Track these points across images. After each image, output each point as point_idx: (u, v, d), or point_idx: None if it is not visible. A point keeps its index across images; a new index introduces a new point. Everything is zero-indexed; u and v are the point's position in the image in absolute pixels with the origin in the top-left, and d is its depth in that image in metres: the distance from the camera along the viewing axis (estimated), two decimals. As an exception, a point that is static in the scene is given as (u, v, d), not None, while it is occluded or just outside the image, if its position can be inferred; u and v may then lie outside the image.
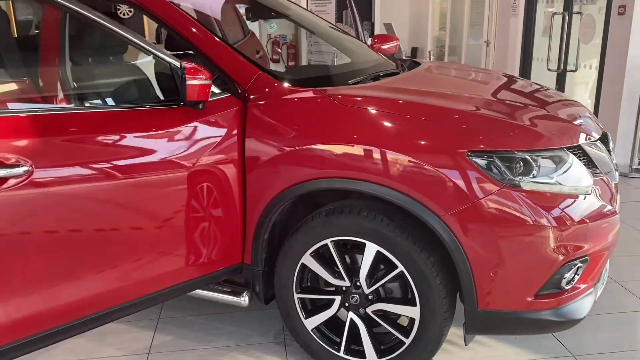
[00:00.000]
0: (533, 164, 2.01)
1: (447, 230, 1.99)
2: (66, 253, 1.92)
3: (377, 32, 11.49)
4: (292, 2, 3.62)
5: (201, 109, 2.05)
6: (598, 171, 2.27)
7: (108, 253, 2.01)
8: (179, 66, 1.96)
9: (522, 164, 2.00)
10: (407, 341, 2.19)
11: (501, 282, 2.01)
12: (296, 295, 2.33)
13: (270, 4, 3.47)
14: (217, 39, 2.38)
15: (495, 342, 2.56)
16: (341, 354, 2.31)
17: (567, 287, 2.09)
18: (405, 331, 2.20)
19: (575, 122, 2.35)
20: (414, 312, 2.14)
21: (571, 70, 6.27)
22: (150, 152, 2.02)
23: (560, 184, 2.04)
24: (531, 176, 2.00)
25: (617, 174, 2.45)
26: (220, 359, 2.49)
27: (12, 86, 2.24)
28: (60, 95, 2.22)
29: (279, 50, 11.96)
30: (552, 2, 6.71)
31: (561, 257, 2.00)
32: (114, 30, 1.97)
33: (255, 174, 2.23)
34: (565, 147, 2.12)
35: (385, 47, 3.63)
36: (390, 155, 2.01)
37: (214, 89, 2.21)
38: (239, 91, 2.27)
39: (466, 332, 2.16)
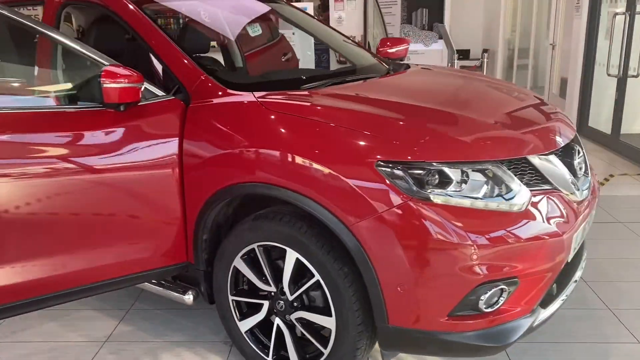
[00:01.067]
0: (450, 176, 1.90)
1: (354, 240, 1.93)
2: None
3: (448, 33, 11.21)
4: (295, 7, 3.66)
5: (122, 111, 2.12)
6: (547, 187, 2.09)
7: (38, 241, 2.13)
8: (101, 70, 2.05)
9: (436, 176, 1.90)
10: (326, 352, 2.15)
11: (410, 298, 1.92)
12: (231, 297, 2.36)
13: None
14: (170, 42, 2.45)
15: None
16: (269, 358, 2.31)
17: (489, 310, 1.95)
18: (326, 342, 2.16)
19: (524, 133, 2.19)
20: (330, 322, 2.09)
21: (632, 76, 5.76)
22: (79, 150, 2.13)
23: (482, 199, 1.91)
24: (446, 189, 1.89)
25: (584, 189, 2.25)
26: (164, 353, 2.57)
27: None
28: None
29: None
30: (616, 2, 6.20)
31: (475, 278, 1.87)
32: (55, 38, 2.10)
33: (191, 176, 2.28)
34: (498, 160, 1.99)
35: (391, 50, 3.56)
36: (303, 162, 1.99)
37: (157, 91, 2.30)
38: (186, 94, 2.34)
39: (381, 348, 2.08)
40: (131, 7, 2.51)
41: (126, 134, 2.19)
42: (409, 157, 1.91)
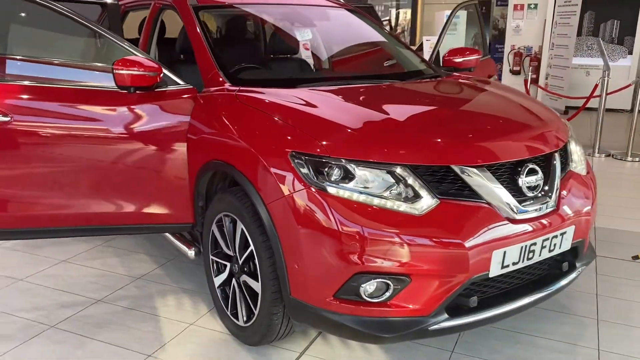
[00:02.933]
0: (352, 172, 2.10)
1: (268, 217, 2.25)
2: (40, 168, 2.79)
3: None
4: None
5: (132, 93, 2.69)
6: (472, 199, 2.15)
7: (94, 185, 2.83)
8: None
9: (337, 170, 2.12)
10: (255, 313, 2.49)
11: (304, 275, 2.18)
12: (210, 256, 2.82)
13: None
14: (202, 41, 2.99)
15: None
16: (228, 312, 2.72)
17: (373, 300, 2.11)
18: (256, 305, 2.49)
19: (457, 144, 2.25)
20: (257, 287, 2.43)
21: None
22: (101, 121, 2.76)
23: (379, 197, 2.08)
24: (347, 184, 2.10)
25: (533, 209, 2.24)
26: (170, 295, 3.13)
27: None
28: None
29: (521, 61, 11.53)
30: None
31: (354, 267, 2.05)
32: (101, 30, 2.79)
33: (190, 149, 2.79)
34: (409, 164, 2.12)
35: (458, 60, 3.67)
36: (245, 147, 2.37)
37: (177, 80, 2.85)
38: (201, 83, 2.86)
39: (291, 317, 2.35)
40: (192, 14, 3.12)
41: (151, 110, 2.77)
42: (318, 151, 2.16)
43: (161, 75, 2.75)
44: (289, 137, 2.26)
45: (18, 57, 2.94)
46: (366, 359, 2.54)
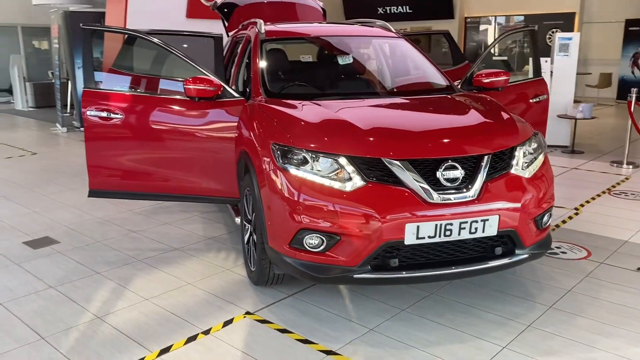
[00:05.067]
0: (307, 158, 2.99)
1: (257, 187, 3.22)
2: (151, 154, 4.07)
3: None
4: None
5: (197, 102, 3.83)
6: (396, 184, 2.89)
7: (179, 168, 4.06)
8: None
9: (297, 156, 3.01)
10: (256, 259, 3.45)
11: (273, 229, 3.10)
12: (243, 221, 3.85)
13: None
14: (257, 65, 4.05)
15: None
16: (251, 266, 3.71)
17: (314, 250, 2.94)
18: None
19: (390, 143, 2.99)
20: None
21: None
22: (192, 121, 3.95)
23: (322, 177, 2.93)
24: (303, 166, 2.99)
25: (450, 196, 2.91)
26: (212, 245, 4.23)
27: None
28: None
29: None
30: None
31: (298, 224, 2.92)
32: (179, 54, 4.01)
33: (235, 142, 3.87)
34: (349, 155, 2.94)
35: (486, 81, 4.30)
36: (252, 139, 3.38)
37: (233, 93, 3.95)
38: (249, 95, 3.94)
39: (271, 261, 3.26)
40: (258, 44, 4.20)
41: (216, 114, 3.91)
42: (286, 143, 3.07)
43: (221, 89, 3.87)
44: (273, 133, 3.21)
45: (135, 74, 4.31)
46: (341, 305, 3.34)
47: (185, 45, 5.11)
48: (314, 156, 2.99)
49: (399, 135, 3.12)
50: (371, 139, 3.06)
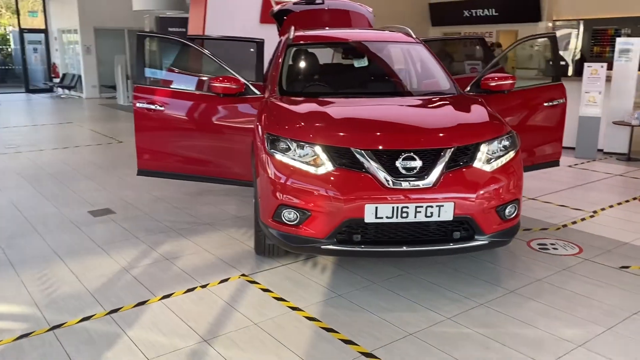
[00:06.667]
0: (289, 146, 3.54)
1: (254, 167, 3.83)
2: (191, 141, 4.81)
3: None
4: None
5: (222, 97, 4.50)
6: (360, 170, 3.38)
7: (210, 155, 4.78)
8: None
9: (282, 144, 3.58)
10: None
11: (262, 203, 3.69)
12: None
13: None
14: (279, 65, 4.66)
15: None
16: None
17: (290, 223, 3.49)
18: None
19: (358, 135, 3.48)
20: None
21: None
22: (220, 115, 4.64)
23: (300, 162, 3.47)
24: (286, 152, 3.55)
25: (405, 183, 3.33)
26: (234, 225, 4.88)
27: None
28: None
29: None
30: None
31: (278, 201, 3.48)
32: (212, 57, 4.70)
33: (252, 133, 4.50)
34: (323, 144, 3.46)
35: (492, 84, 4.67)
36: (256, 129, 3.98)
37: (255, 90, 4.59)
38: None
39: (264, 233, 3.85)
40: (284, 49, 4.82)
41: (240, 107, 4.59)
42: (274, 133, 3.65)
43: (244, 87, 4.52)
44: (269, 124, 3.79)
45: (176, 71, 5.09)
46: (323, 276, 3.87)
47: (236, 49, 5.85)
48: (295, 144, 3.54)
49: (366, 128, 3.60)
50: (342, 131, 3.56)
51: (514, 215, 3.64)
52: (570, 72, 15.60)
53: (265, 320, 3.25)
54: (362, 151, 3.39)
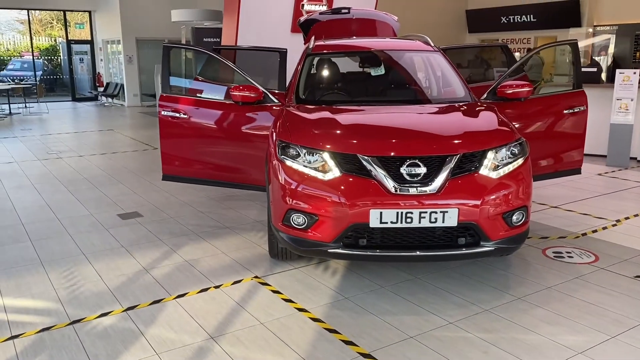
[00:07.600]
0: (298, 152, 3.67)
1: (266, 173, 3.97)
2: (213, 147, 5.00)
3: None
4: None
5: (241, 105, 4.66)
6: (366, 176, 3.47)
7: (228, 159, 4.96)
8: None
9: (292, 150, 3.70)
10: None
11: (273, 209, 3.82)
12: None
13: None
14: (298, 74, 4.80)
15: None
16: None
17: (298, 227, 3.60)
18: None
19: (365, 142, 3.56)
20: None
21: None
22: (233, 120, 4.82)
23: (308, 167, 3.59)
24: (296, 159, 3.67)
25: (410, 189, 3.40)
26: (252, 228, 5.02)
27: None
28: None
29: None
30: None
31: (287, 205, 3.61)
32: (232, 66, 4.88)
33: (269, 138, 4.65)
34: (331, 151, 3.57)
35: (508, 92, 4.71)
36: (270, 136, 4.12)
37: (274, 98, 4.74)
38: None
39: (276, 237, 3.97)
40: (303, 58, 4.96)
41: (259, 115, 4.74)
42: (285, 139, 3.78)
43: (262, 95, 4.68)
44: (282, 132, 3.93)
45: (201, 79, 5.30)
46: (332, 279, 3.97)
47: (265, 59, 6.04)
48: (305, 151, 3.66)
49: (372, 136, 3.69)
50: (349, 138, 3.66)
51: (522, 222, 3.65)
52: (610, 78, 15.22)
53: (271, 320, 3.37)
54: (368, 158, 3.48)
